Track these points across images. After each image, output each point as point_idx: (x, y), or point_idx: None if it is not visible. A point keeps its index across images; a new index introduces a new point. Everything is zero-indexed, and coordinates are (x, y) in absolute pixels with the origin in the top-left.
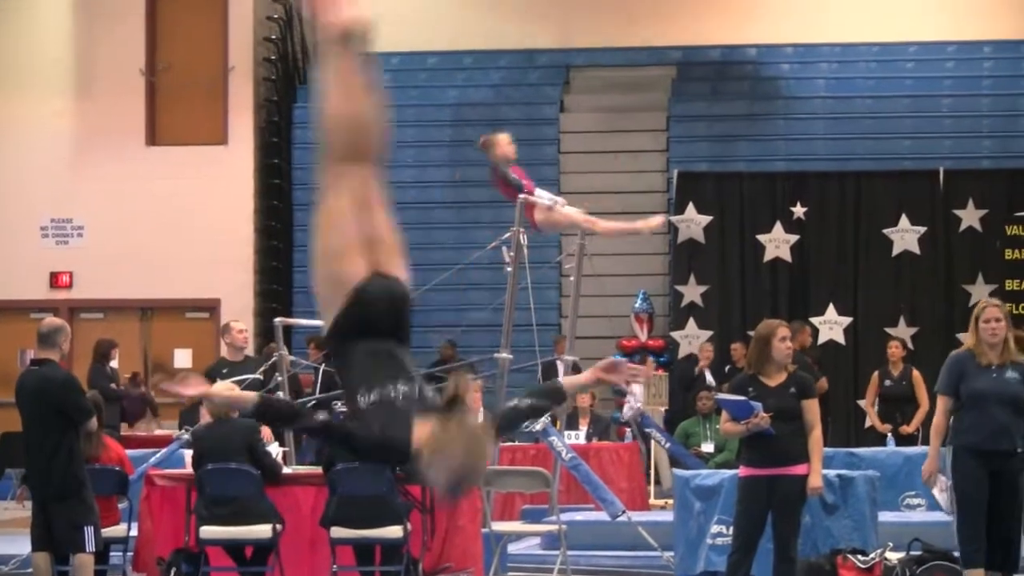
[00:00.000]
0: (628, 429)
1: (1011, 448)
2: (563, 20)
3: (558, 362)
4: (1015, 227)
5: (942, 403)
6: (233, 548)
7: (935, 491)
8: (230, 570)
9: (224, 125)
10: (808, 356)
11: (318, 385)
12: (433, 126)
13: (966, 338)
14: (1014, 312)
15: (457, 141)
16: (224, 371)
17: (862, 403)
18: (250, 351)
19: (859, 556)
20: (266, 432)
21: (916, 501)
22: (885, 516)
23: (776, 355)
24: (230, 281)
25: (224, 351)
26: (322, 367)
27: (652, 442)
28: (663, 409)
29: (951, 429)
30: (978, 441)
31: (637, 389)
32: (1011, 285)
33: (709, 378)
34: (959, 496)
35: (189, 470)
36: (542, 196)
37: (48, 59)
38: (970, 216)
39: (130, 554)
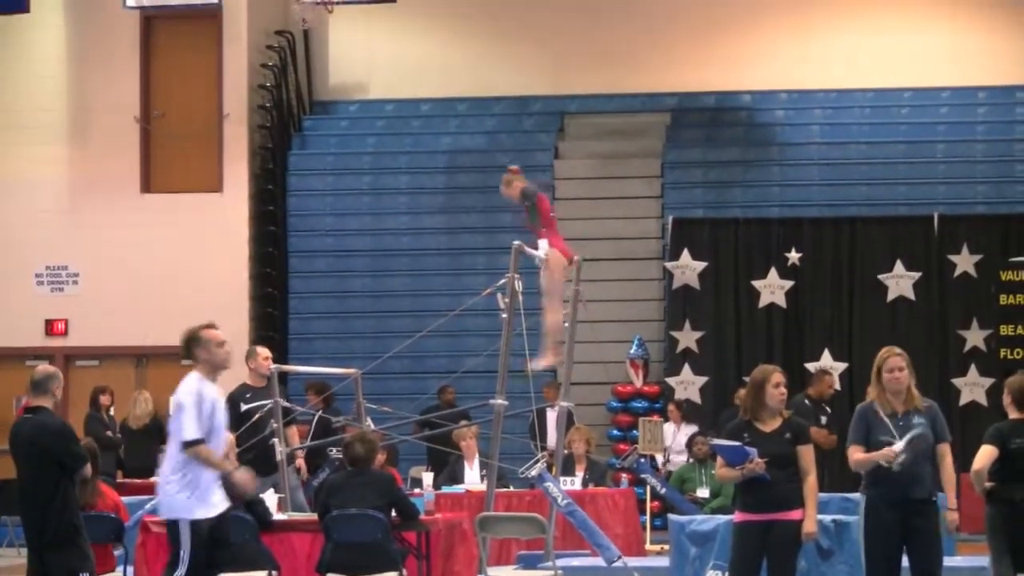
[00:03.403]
0: (624, 475)
1: (923, 496)
2: (557, 67)
3: (548, 409)
4: (1009, 272)
5: (854, 453)
6: None
7: None
8: None
9: (219, 172)
10: (812, 402)
11: (311, 432)
12: (426, 173)
13: (870, 390)
14: (1009, 357)
15: (451, 188)
16: (247, 395)
17: None
18: None
19: None
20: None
21: None
22: None
23: (770, 401)
24: (225, 328)
25: (247, 377)
26: (318, 414)
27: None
28: None
29: (863, 482)
30: (888, 491)
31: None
32: (1006, 330)
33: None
34: (867, 548)
35: None
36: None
37: (43, 107)
38: (965, 262)
39: None
